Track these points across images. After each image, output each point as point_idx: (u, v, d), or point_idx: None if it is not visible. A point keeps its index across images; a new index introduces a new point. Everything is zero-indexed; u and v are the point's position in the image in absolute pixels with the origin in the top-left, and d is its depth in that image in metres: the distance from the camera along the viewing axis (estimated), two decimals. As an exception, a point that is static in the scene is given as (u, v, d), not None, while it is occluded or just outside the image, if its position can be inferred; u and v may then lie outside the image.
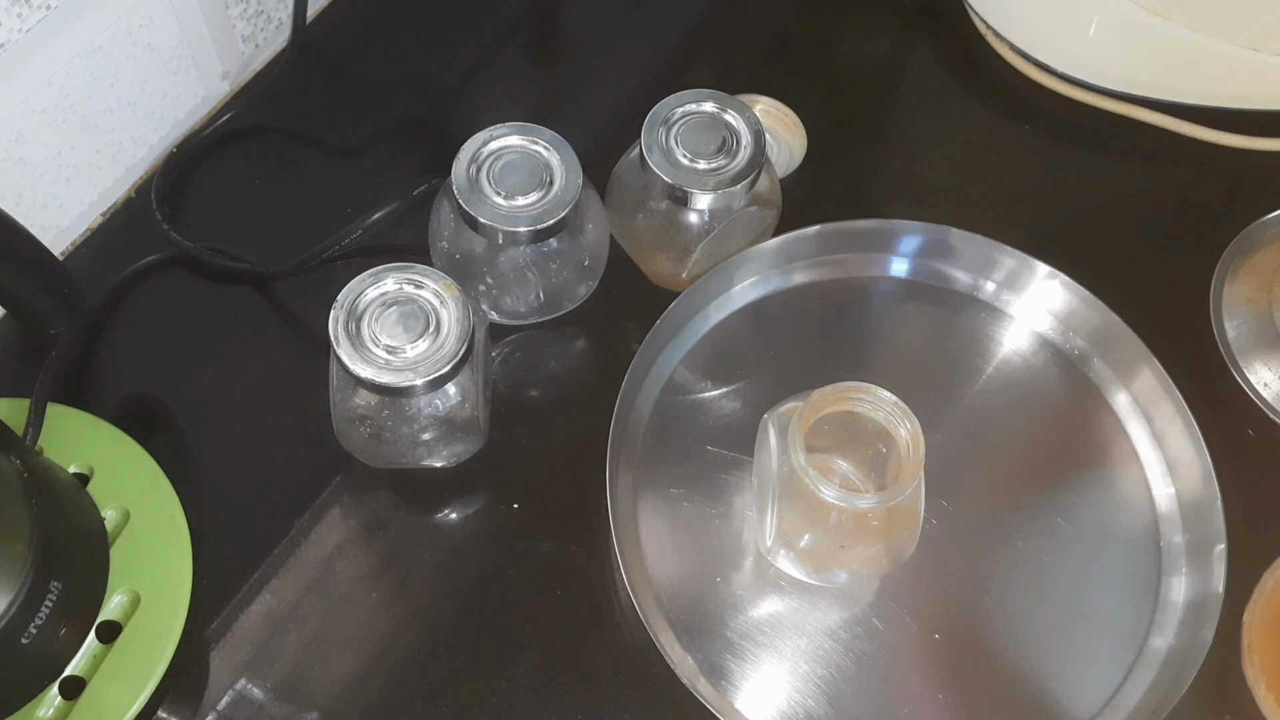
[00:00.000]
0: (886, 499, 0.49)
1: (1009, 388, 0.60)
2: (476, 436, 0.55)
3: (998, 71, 0.72)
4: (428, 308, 0.50)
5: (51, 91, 0.57)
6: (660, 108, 0.57)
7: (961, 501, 0.56)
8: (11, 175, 0.58)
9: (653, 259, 0.61)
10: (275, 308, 0.62)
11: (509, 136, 0.55)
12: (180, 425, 0.58)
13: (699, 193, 0.55)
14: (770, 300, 0.62)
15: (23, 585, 0.45)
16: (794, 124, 0.67)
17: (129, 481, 0.54)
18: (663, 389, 0.59)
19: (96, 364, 0.59)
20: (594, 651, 0.53)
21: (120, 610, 0.51)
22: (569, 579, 0.55)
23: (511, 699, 0.52)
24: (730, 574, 0.55)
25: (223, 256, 0.62)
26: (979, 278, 0.63)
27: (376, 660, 0.53)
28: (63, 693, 0.49)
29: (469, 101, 0.70)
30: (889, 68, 0.73)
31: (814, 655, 0.53)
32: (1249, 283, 0.63)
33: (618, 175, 0.60)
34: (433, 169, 0.64)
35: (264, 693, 0.52)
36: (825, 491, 0.48)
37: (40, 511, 0.46)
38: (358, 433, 0.53)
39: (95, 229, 0.64)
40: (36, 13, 0.54)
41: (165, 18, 0.61)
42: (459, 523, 0.57)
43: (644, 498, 0.56)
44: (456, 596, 0.54)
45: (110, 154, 0.63)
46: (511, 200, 0.54)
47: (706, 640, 0.53)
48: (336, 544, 0.55)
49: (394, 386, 0.49)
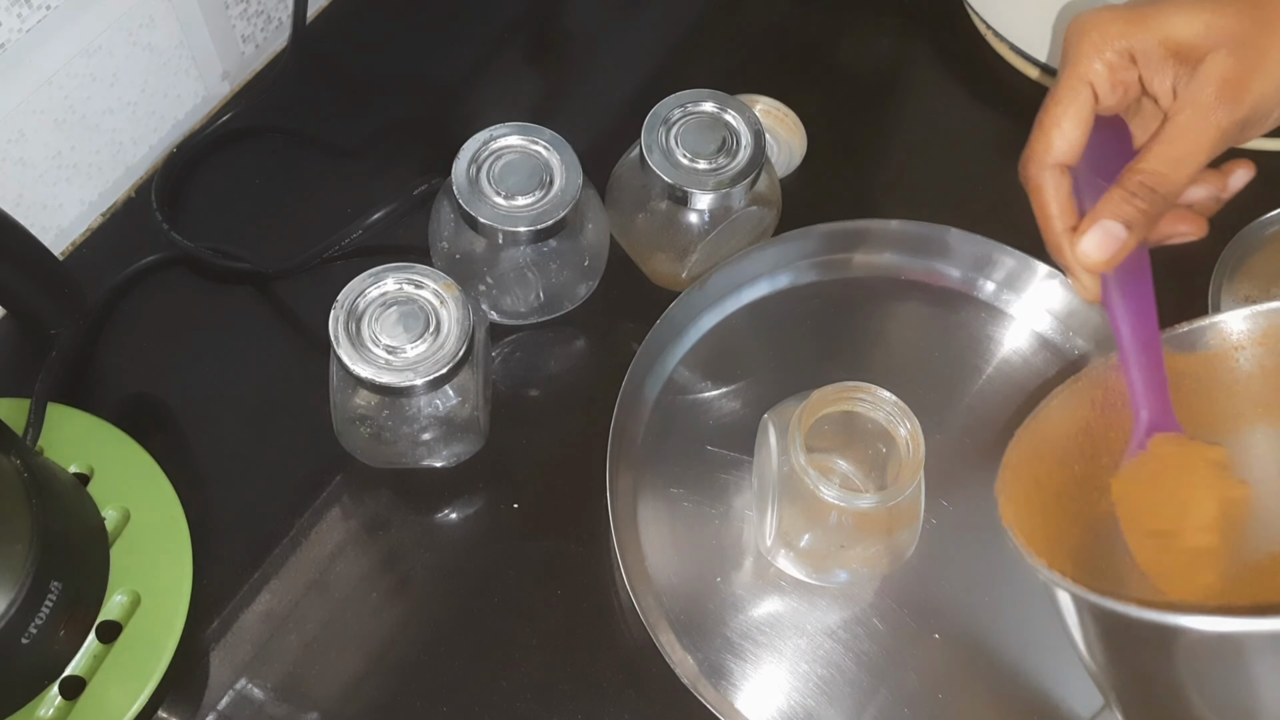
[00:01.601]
0: (886, 499, 0.49)
1: (1009, 388, 0.60)
2: (476, 436, 0.55)
3: (998, 71, 0.72)
4: (428, 308, 0.50)
5: (51, 91, 0.57)
6: (660, 108, 0.57)
7: (961, 501, 0.56)
8: (11, 175, 0.58)
9: (653, 259, 0.61)
10: (275, 308, 0.62)
11: (509, 136, 0.55)
12: (180, 425, 0.58)
13: (699, 193, 0.55)
14: (770, 300, 0.62)
15: (23, 585, 0.45)
16: (794, 124, 0.67)
17: (129, 481, 0.54)
18: (663, 389, 0.59)
19: (96, 364, 0.59)
20: (594, 651, 0.53)
21: (120, 610, 0.51)
22: (569, 579, 0.55)
23: (511, 699, 0.52)
24: (730, 574, 0.55)
25: (223, 256, 0.62)
26: (979, 278, 0.63)
27: (376, 660, 0.53)
28: (63, 693, 0.49)
29: (469, 101, 0.70)
30: (889, 68, 0.73)
31: (814, 655, 0.53)
32: (1247, 283, 0.63)
33: (618, 175, 0.60)
34: (433, 169, 0.64)
35: (264, 693, 0.52)
36: (825, 491, 0.48)
37: (40, 511, 0.46)
38: (358, 433, 0.53)
39: (95, 229, 0.64)
40: (36, 13, 0.54)
41: (165, 18, 0.61)
42: (459, 523, 0.57)
43: (644, 498, 0.56)
44: (456, 596, 0.54)
45: (110, 154, 0.63)
46: (511, 200, 0.54)
47: (706, 640, 0.53)
48: (336, 544, 0.55)
49: (394, 386, 0.49)
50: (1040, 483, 0.45)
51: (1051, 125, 0.45)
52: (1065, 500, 0.45)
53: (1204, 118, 0.41)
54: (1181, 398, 0.45)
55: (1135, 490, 0.46)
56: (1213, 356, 0.46)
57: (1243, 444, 0.46)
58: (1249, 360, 0.45)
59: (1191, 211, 0.45)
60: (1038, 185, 0.45)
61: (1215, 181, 0.44)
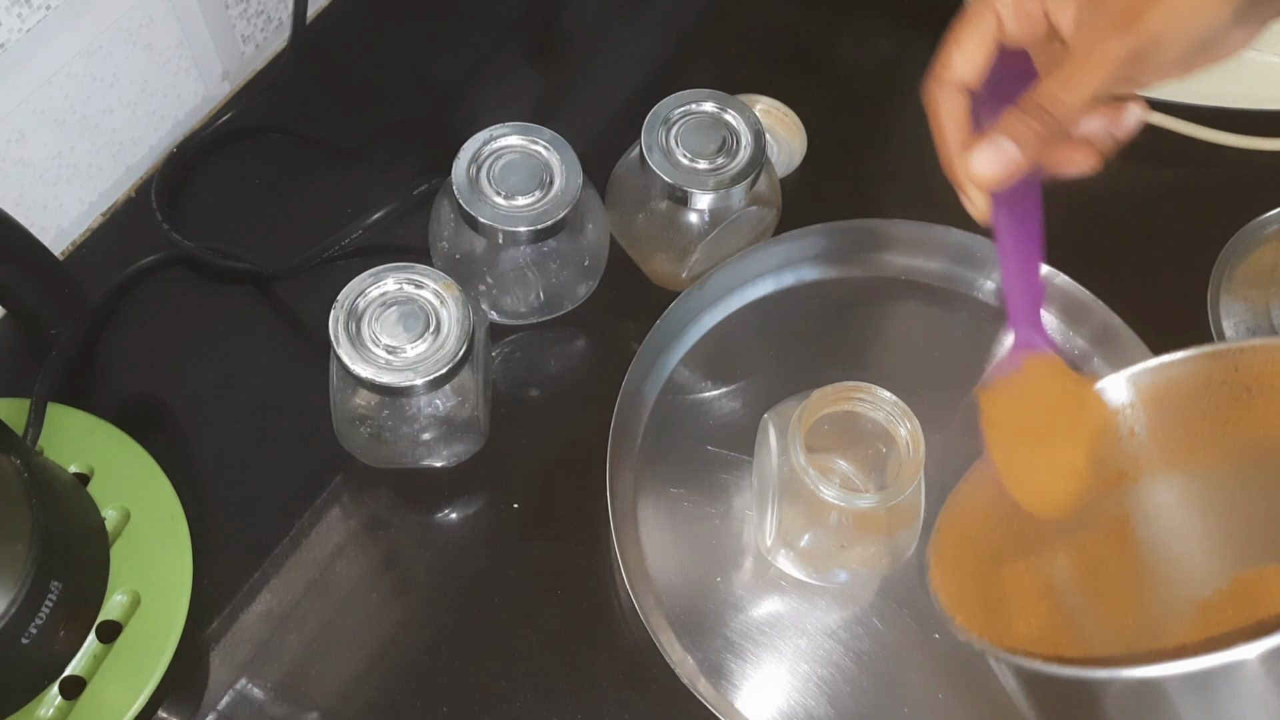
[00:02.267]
0: (886, 499, 0.49)
1: (1009, 388, 0.60)
2: (476, 436, 0.55)
3: (997, 71, 0.72)
4: (428, 308, 0.50)
5: (51, 91, 0.57)
6: (660, 108, 0.57)
7: (961, 501, 0.56)
8: (11, 175, 0.58)
9: (653, 259, 0.61)
10: (275, 308, 0.62)
11: (509, 136, 0.55)
12: (180, 425, 0.58)
13: (699, 193, 0.55)
14: (770, 300, 0.62)
15: (23, 585, 0.45)
16: (794, 124, 0.67)
17: (129, 481, 0.54)
18: (663, 389, 0.59)
19: (96, 364, 0.59)
20: (594, 651, 0.53)
21: (120, 610, 0.51)
22: (569, 579, 0.55)
23: (511, 699, 0.52)
24: (730, 574, 0.55)
25: (223, 256, 0.62)
26: (979, 278, 0.63)
27: (376, 660, 0.53)
28: (63, 692, 0.49)
29: (469, 101, 0.70)
30: (889, 68, 0.73)
31: (814, 655, 0.53)
32: (1247, 281, 0.63)
33: (618, 175, 0.60)
34: (433, 169, 0.64)
35: (264, 693, 0.52)
36: (825, 491, 0.48)
37: (40, 511, 0.46)
38: (358, 433, 0.53)
39: (95, 229, 0.64)
40: (36, 13, 0.54)
41: (165, 18, 0.61)
42: (459, 523, 0.57)
43: (644, 498, 0.56)
44: (456, 596, 0.54)
45: (110, 154, 0.63)
46: (511, 200, 0.54)
47: (706, 640, 0.53)
48: (336, 544, 0.55)
49: (394, 386, 0.49)
50: (973, 543, 0.46)
51: (954, 45, 0.46)
52: (1003, 558, 0.46)
53: (1098, 43, 0.42)
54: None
55: (1004, 401, 0.47)
56: (1109, 414, 0.47)
57: (1144, 495, 0.47)
58: (1136, 419, 0.47)
59: (1088, 144, 0.46)
60: (935, 102, 0.46)
61: (1110, 115, 0.45)
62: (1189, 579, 0.45)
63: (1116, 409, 0.46)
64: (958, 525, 0.47)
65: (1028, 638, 0.44)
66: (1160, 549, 0.46)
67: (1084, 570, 0.46)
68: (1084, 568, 0.46)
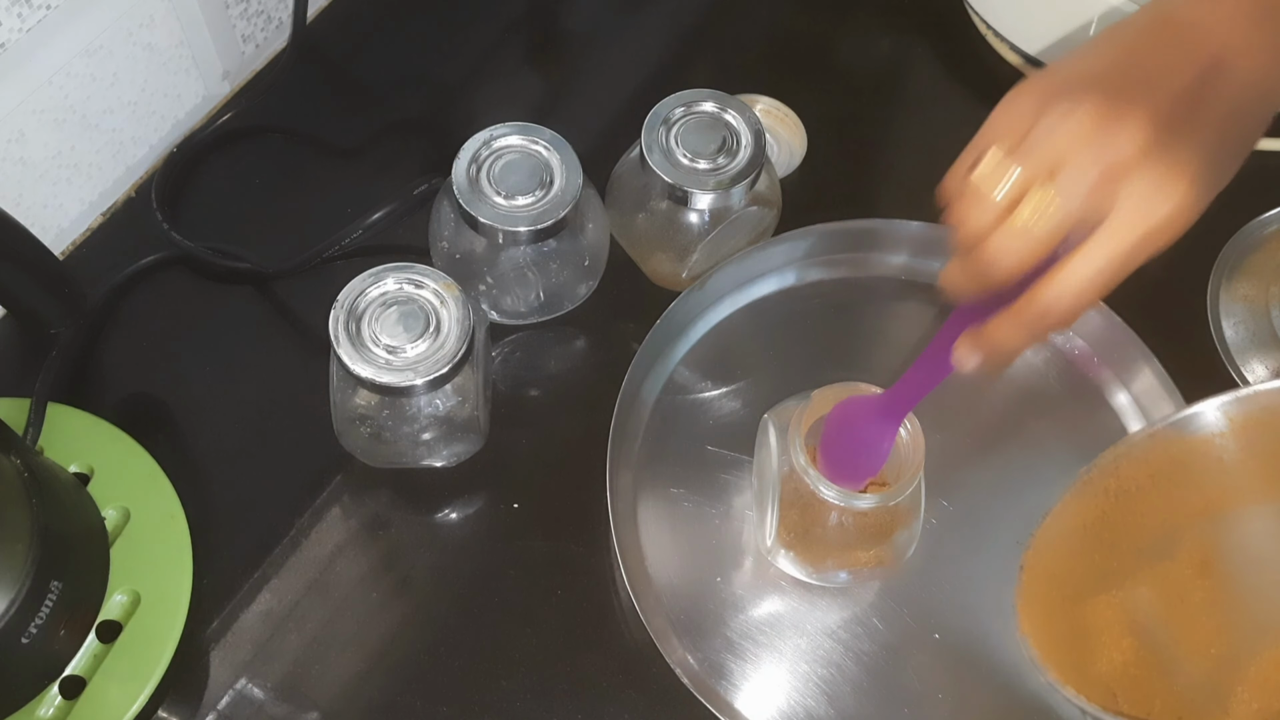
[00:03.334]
0: (886, 499, 0.49)
1: (1009, 388, 0.60)
2: (476, 436, 0.55)
3: (998, 72, 0.72)
4: (428, 308, 0.50)
5: (51, 91, 0.57)
6: (660, 108, 0.57)
7: (961, 501, 0.56)
8: (11, 175, 0.58)
9: (653, 259, 0.61)
10: (275, 308, 0.62)
11: (509, 136, 0.55)
12: (180, 425, 0.58)
13: (699, 193, 0.55)
14: (770, 300, 0.62)
15: (23, 585, 0.45)
16: (794, 124, 0.67)
17: (129, 481, 0.54)
18: (663, 389, 0.59)
19: (96, 364, 0.59)
20: (594, 651, 0.53)
21: (120, 610, 0.51)
22: (569, 579, 0.55)
23: (511, 699, 0.52)
24: (730, 574, 0.55)
25: (223, 256, 0.62)
26: (979, 278, 0.62)
27: (376, 660, 0.53)
28: (63, 692, 0.49)
29: (469, 101, 0.70)
30: (889, 68, 0.73)
31: (814, 655, 0.53)
32: (1247, 281, 0.63)
33: (618, 175, 0.60)
34: (433, 169, 0.64)
35: (264, 693, 0.52)
36: (825, 491, 0.48)
37: (40, 511, 0.47)
38: (358, 433, 0.53)
39: (95, 229, 0.64)
40: (36, 13, 0.54)
41: (165, 18, 0.61)
42: (459, 523, 0.57)
43: (644, 498, 0.56)
44: (456, 596, 0.54)
45: (110, 154, 0.63)
46: (511, 200, 0.54)
47: (706, 640, 0.53)
48: (336, 544, 0.55)
49: (394, 386, 0.49)
50: (1057, 579, 0.46)
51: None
52: (1086, 593, 0.46)
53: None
54: (1168, 487, 0.46)
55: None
56: (1197, 442, 0.47)
57: (1231, 526, 0.47)
58: (1229, 445, 0.46)
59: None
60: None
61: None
62: (1275, 610, 0.45)
63: (1207, 437, 0.46)
64: (1044, 561, 0.46)
65: (1110, 675, 0.44)
66: (1246, 580, 0.46)
67: (1167, 601, 0.46)
68: (1167, 598, 0.46)
